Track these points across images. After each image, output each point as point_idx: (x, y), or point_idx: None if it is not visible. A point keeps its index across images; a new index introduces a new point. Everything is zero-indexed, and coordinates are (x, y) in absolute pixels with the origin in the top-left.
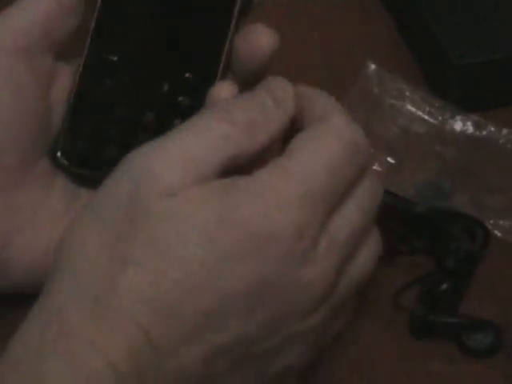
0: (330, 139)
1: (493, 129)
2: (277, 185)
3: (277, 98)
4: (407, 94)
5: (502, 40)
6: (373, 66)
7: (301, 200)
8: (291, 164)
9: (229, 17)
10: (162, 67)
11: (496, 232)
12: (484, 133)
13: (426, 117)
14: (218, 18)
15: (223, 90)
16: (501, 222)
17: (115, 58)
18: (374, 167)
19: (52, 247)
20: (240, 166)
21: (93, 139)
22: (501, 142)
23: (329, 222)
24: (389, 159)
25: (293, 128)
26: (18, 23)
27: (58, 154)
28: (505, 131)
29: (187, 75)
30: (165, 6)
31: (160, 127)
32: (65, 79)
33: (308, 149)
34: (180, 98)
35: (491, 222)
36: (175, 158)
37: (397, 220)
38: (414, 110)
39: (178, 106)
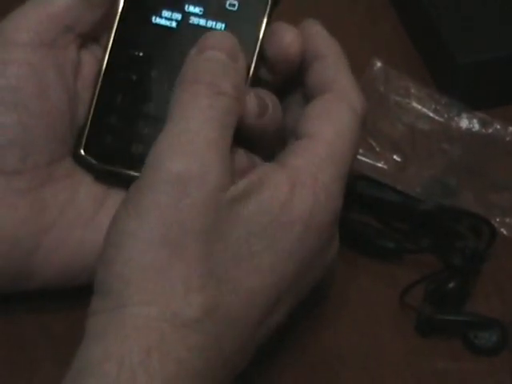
0: (348, 115)
1: (499, 126)
2: (317, 174)
3: (229, 52)
4: (413, 91)
5: (507, 38)
6: (379, 64)
7: (338, 186)
8: (322, 149)
9: (260, 14)
10: None
11: (502, 230)
12: (490, 130)
13: (432, 114)
14: (249, 16)
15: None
16: (507, 220)
17: (140, 54)
18: (380, 165)
19: (83, 248)
20: None
21: (119, 136)
22: (507, 139)
23: None
24: (395, 157)
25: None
26: (39, 17)
27: (82, 151)
28: (510, 129)
29: None
30: (193, 2)
31: None
32: (90, 69)
33: (331, 128)
34: None
35: (497, 219)
36: (206, 153)
37: (402, 218)
38: (419, 107)
39: None
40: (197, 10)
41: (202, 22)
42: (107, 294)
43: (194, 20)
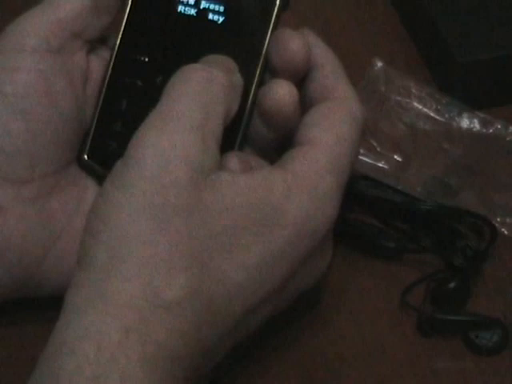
0: (348, 123)
1: (499, 126)
2: (315, 181)
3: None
4: (414, 91)
5: (507, 37)
6: (379, 64)
7: (337, 195)
8: (322, 156)
9: (268, 18)
10: None
11: (503, 230)
12: (491, 130)
13: (433, 114)
14: (256, 19)
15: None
16: (508, 220)
17: (146, 59)
18: (381, 165)
19: None
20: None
21: (123, 141)
22: (507, 139)
23: None
24: (396, 157)
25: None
26: (47, 23)
27: (85, 156)
28: (511, 128)
29: None
30: (200, 6)
31: None
32: (100, 74)
33: (331, 135)
34: None
35: (498, 219)
36: (189, 135)
37: (404, 218)
38: (420, 107)
39: None
40: None
41: None
42: (90, 265)
43: None
